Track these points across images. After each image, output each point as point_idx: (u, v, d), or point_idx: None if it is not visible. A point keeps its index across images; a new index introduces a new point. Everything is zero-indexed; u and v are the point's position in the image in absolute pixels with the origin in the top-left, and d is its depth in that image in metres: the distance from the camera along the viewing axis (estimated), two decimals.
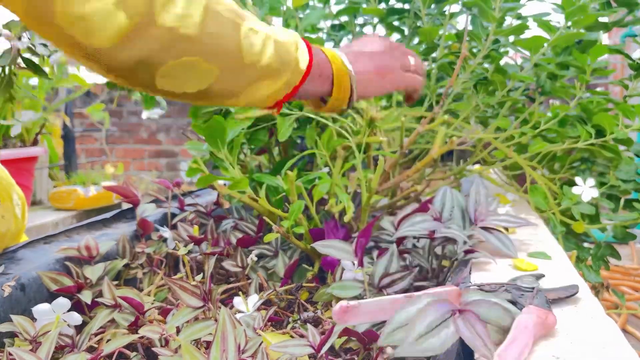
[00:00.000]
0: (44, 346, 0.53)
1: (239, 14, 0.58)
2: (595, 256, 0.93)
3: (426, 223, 0.68)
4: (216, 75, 0.56)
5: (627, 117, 0.86)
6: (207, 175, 0.78)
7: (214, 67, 0.56)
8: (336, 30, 1.12)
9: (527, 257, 0.67)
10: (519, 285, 0.52)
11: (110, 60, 0.51)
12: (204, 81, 0.57)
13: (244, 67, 0.58)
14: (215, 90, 0.58)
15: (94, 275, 0.72)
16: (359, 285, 0.63)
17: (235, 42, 0.56)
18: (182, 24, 0.51)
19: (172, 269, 0.86)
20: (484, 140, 1.00)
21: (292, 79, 0.63)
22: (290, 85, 0.63)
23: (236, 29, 0.56)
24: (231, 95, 0.61)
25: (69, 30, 0.47)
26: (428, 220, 0.69)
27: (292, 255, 0.81)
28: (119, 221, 0.95)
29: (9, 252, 0.75)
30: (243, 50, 0.56)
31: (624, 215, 0.88)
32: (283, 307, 0.73)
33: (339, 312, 0.48)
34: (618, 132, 0.84)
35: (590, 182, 0.83)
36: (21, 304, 0.66)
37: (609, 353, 0.41)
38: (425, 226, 0.68)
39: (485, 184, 0.74)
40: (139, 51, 0.50)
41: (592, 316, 0.49)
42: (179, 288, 0.58)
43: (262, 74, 0.60)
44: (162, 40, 0.51)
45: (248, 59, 0.57)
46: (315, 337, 0.52)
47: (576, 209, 0.83)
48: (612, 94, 1.03)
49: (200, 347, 0.58)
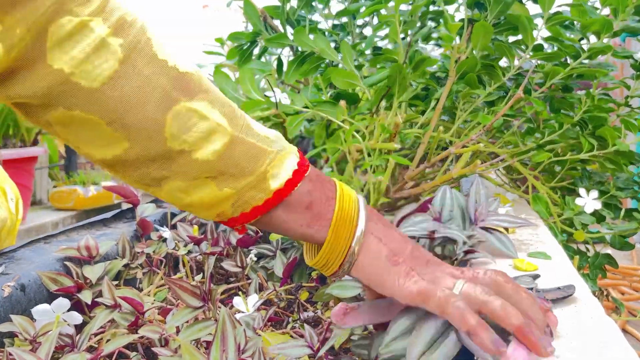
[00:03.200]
0: (43, 346, 0.53)
1: (190, 88, 0.46)
2: (593, 265, 0.94)
3: (426, 223, 0.68)
4: (125, 148, 0.46)
5: (630, 130, 0.87)
6: None
7: (120, 137, 0.45)
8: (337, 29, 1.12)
9: (527, 257, 0.67)
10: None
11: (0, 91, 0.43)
12: (114, 148, 0.46)
13: (170, 152, 0.46)
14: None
15: (94, 275, 0.72)
16: (358, 285, 0.63)
17: (155, 118, 0.45)
18: (80, 71, 0.42)
19: (172, 269, 0.86)
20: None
21: (252, 196, 0.48)
22: (247, 204, 0.48)
23: (167, 102, 0.45)
24: (154, 182, 0.49)
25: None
26: (428, 220, 0.69)
27: (291, 255, 0.81)
28: (118, 221, 0.95)
29: (9, 252, 0.75)
30: (167, 131, 0.45)
31: (623, 225, 0.89)
32: (283, 307, 0.73)
33: (338, 314, 0.48)
34: (620, 144, 0.85)
35: (594, 194, 0.84)
36: (21, 304, 0.66)
37: (609, 353, 0.41)
38: (425, 226, 0.68)
39: (485, 184, 0.74)
40: (23, 88, 0.42)
41: (592, 316, 0.49)
42: (178, 288, 0.58)
43: (200, 171, 0.47)
44: (49, 82, 0.42)
45: (176, 144, 0.45)
46: (314, 338, 0.52)
47: (577, 220, 0.84)
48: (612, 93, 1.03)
49: (200, 347, 0.58)
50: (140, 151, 0.46)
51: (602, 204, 0.89)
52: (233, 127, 0.47)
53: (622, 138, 0.87)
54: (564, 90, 0.95)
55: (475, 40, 0.81)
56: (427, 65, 0.87)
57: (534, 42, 0.82)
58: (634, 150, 0.90)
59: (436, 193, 0.74)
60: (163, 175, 0.47)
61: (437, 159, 0.83)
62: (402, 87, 0.81)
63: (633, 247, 0.93)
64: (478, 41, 0.81)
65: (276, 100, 0.79)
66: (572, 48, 0.83)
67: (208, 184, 0.47)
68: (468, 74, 0.84)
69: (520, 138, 0.95)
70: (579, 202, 0.84)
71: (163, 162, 0.47)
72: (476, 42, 0.81)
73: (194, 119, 0.46)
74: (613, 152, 0.87)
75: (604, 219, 0.94)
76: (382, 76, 0.84)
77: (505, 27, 0.86)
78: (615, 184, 0.93)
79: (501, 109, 0.84)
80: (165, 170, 0.47)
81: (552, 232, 0.85)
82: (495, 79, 0.86)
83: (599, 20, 0.80)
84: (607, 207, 0.92)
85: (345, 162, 0.85)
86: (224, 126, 0.47)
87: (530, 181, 0.91)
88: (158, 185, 0.49)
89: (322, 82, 0.87)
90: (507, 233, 0.75)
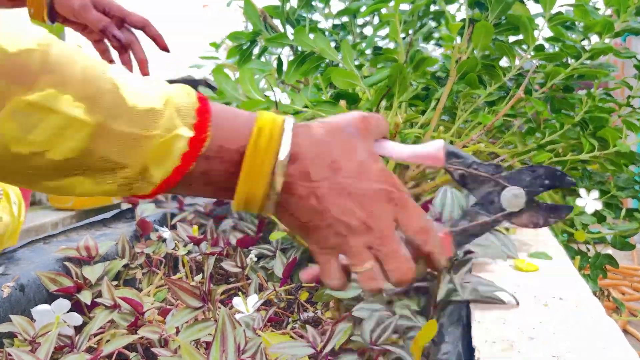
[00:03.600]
0: (43, 347, 0.53)
1: (26, 73, 0.35)
2: (593, 265, 0.94)
3: None
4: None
5: (631, 131, 0.87)
6: None
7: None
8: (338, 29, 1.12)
9: (528, 257, 0.66)
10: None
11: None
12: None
13: (21, 157, 0.37)
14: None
15: (93, 275, 0.72)
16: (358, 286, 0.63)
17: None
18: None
19: (172, 269, 0.86)
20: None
21: (138, 187, 0.42)
22: (138, 191, 0.42)
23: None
24: (32, 185, 0.41)
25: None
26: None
27: (291, 255, 0.81)
28: (118, 221, 0.95)
29: (8, 253, 0.75)
30: (5, 135, 0.36)
31: (624, 225, 0.89)
32: (283, 307, 0.72)
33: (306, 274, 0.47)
34: (621, 145, 0.85)
35: (594, 194, 0.84)
36: (21, 304, 0.66)
37: (609, 353, 0.41)
38: None
39: None
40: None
41: (592, 316, 0.49)
42: (178, 288, 0.58)
43: (65, 170, 0.39)
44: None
45: (24, 148, 0.37)
46: (316, 338, 0.52)
47: (578, 220, 0.84)
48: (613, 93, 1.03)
49: (199, 348, 0.58)
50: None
51: (602, 204, 0.89)
52: (95, 111, 0.38)
53: (623, 139, 0.86)
54: (565, 91, 0.95)
55: (476, 40, 0.81)
56: (427, 65, 0.86)
57: (535, 42, 0.82)
58: (634, 151, 0.89)
59: (437, 193, 0.74)
60: (31, 180, 0.40)
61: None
62: (402, 87, 0.81)
63: (634, 248, 0.93)
64: (479, 41, 0.81)
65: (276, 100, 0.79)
66: (574, 48, 0.83)
67: (83, 181, 0.41)
68: (469, 74, 0.84)
69: (520, 138, 0.95)
70: (580, 203, 0.84)
71: (21, 169, 0.39)
72: (477, 42, 0.81)
73: (36, 115, 0.36)
74: (614, 152, 0.87)
75: (604, 219, 0.94)
76: (382, 76, 0.83)
77: (506, 27, 0.86)
78: (616, 184, 0.93)
79: (502, 109, 0.84)
80: (28, 176, 0.40)
81: (553, 232, 0.85)
82: (496, 79, 0.86)
83: (601, 21, 0.80)
84: (607, 207, 0.92)
85: None
86: (79, 118, 0.37)
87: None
88: (38, 185, 0.41)
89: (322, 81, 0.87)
90: (508, 233, 0.75)
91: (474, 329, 0.48)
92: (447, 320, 0.53)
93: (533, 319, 0.49)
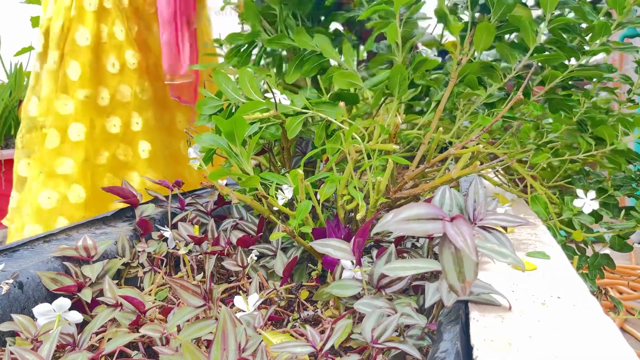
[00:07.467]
0: (45, 345, 0.53)
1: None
2: (591, 265, 0.94)
3: None
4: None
5: (626, 128, 0.87)
6: (219, 169, 0.78)
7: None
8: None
9: (526, 256, 0.67)
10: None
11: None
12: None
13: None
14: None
15: (93, 273, 0.73)
16: (357, 285, 0.63)
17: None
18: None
19: (173, 268, 0.86)
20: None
21: None
22: None
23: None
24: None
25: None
26: None
27: (292, 254, 0.81)
28: (118, 219, 0.96)
29: (8, 250, 0.75)
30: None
31: (622, 224, 0.89)
32: (283, 306, 0.73)
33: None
34: (618, 143, 0.85)
35: (592, 194, 0.84)
36: (19, 302, 0.66)
37: (608, 352, 0.41)
38: None
39: (483, 184, 0.75)
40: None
41: (590, 315, 0.49)
42: (179, 287, 0.58)
43: None
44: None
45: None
46: (315, 336, 0.52)
47: (576, 220, 0.85)
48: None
49: (201, 346, 0.58)
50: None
51: (600, 204, 0.89)
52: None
53: (621, 137, 0.87)
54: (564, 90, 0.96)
55: (478, 42, 0.81)
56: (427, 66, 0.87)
57: (535, 44, 0.82)
58: (632, 149, 0.90)
59: (435, 193, 0.74)
60: None
61: (436, 159, 0.83)
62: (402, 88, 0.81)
63: (632, 249, 0.93)
64: (480, 43, 0.81)
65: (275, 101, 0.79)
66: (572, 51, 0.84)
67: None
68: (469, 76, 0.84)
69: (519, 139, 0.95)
70: (577, 203, 0.84)
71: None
72: (478, 43, 0.81)
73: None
74: (611, 150, 0.87)
75: (601, 218, 0.94)
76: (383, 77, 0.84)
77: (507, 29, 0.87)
78: (613, 183, 0.93)
79: (501, 110, 0.85)
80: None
81: (551, 231, 0.85)
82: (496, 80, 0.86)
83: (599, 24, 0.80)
84: (605, 207, 0.93)
85: (345, 162, 0.85)
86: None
87: (529, 181, 0.91)
88: None
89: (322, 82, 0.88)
90: (506, 232, 0.75)
91: (472, 327, 0.49)
92: (446, 318, 0.54)
93: (531, 318, 0.49)
